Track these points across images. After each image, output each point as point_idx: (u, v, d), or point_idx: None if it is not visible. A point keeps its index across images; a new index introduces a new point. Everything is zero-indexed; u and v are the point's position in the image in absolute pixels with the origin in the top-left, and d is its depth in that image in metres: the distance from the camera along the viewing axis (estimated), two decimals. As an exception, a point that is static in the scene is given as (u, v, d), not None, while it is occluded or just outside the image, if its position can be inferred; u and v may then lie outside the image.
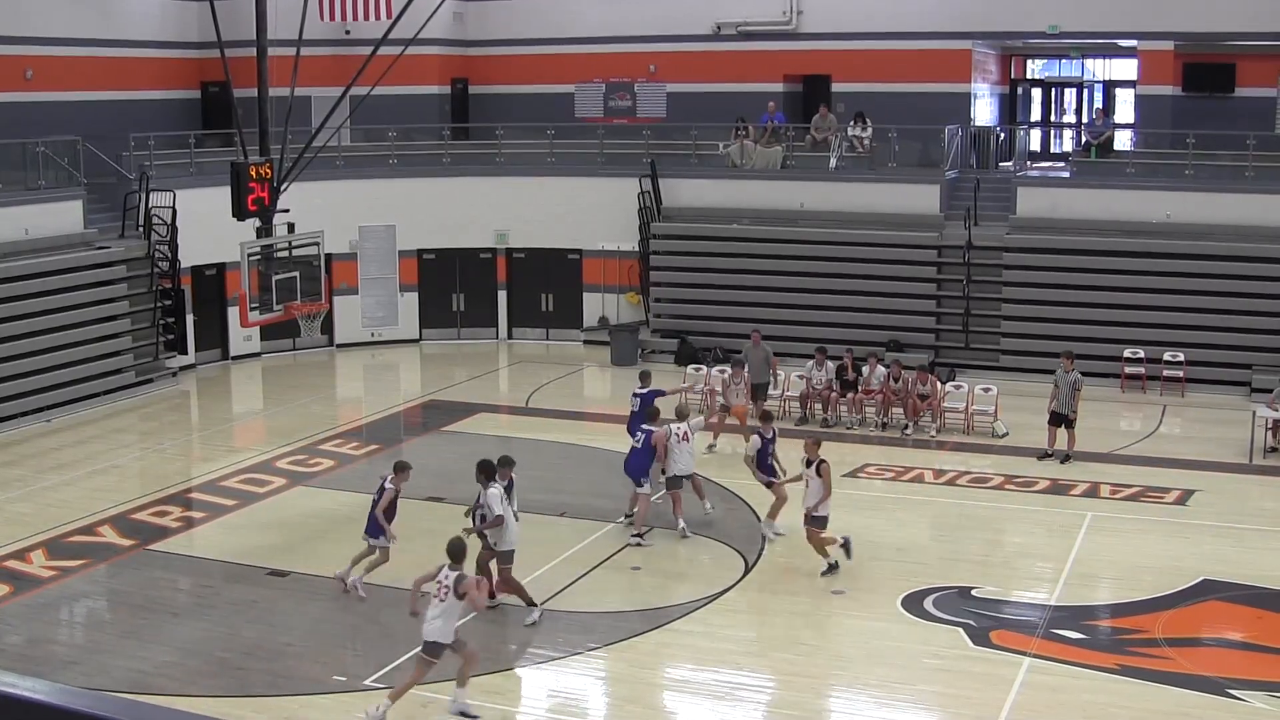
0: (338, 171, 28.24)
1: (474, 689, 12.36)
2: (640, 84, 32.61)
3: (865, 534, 16.99)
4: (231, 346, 27.70)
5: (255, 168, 18.67)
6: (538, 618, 13.96)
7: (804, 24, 30.86)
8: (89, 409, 23.36)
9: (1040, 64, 34.11)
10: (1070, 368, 20.15)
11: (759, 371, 21.91)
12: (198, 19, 30.68)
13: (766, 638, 13.62)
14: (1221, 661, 13.21)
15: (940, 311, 26.39)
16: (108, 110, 28.75)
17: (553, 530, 16.80)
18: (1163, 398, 23.82)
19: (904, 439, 21.51)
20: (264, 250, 19.27)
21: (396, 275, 29.56)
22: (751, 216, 27.95)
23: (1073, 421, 20.10)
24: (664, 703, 12.80)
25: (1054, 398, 20.19)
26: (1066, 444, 20.10)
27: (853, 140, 28.68)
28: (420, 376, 28.06)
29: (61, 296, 23.67)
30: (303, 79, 20.13)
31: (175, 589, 15.50)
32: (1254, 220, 24.73)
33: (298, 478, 19.54)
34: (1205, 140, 26.25)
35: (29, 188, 24.53)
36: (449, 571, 11.84)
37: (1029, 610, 14.43)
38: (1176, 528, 17.16)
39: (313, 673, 12.83)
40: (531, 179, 29.73)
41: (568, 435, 22.15)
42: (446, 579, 11.77)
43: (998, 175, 28.30)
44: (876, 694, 12.50)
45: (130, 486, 19.30)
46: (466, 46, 33.49)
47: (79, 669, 12.90)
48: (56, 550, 16.36)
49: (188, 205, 25.32)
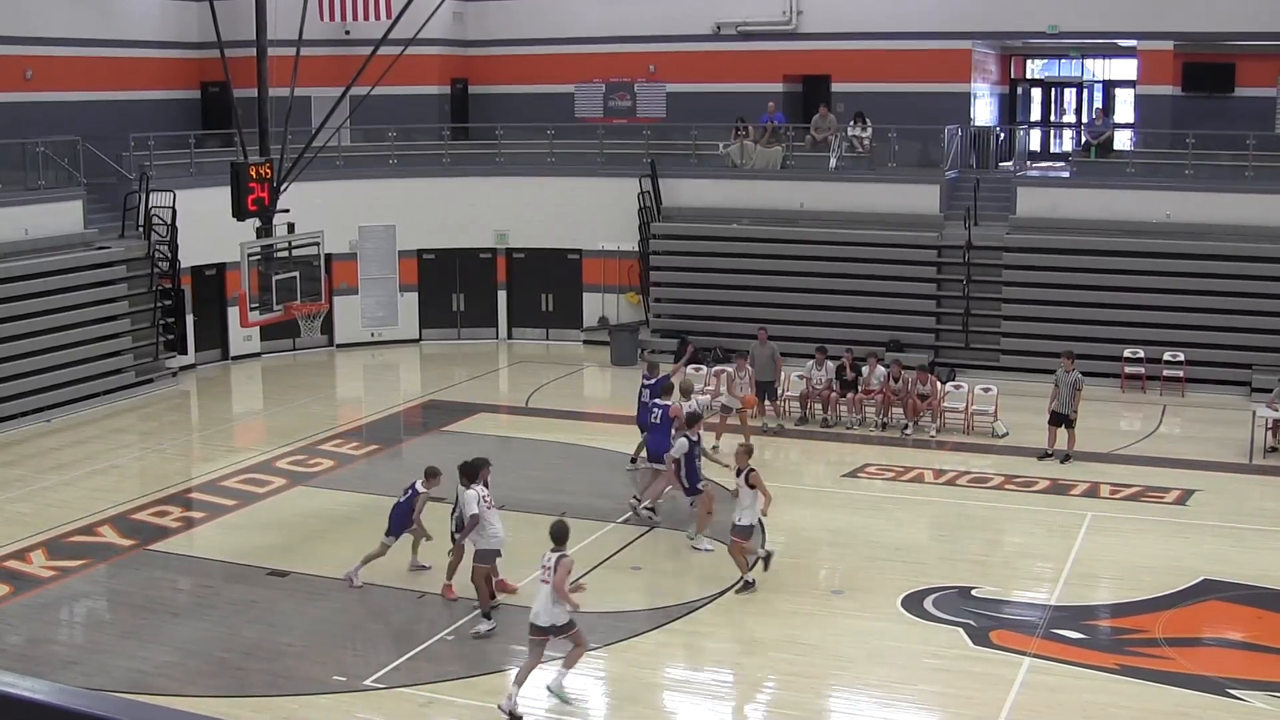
0: (337, 171, 28.23)
1: (474, 689, 12.39)
2: (640, 84, 32.62)
3: (865, 534, 17.03)
4: (231, 346, 27.71)
5: (255, 168, 18.66)
6: (485, 630, 13.68)
7: (804, 24, 30.87)
8: (89, 409, 23.36)
9: (1040, 64, 34.11)
10: (1071, 368, 20.15)
11: (765, 370, 21.92)
12: (198, 19, 30.69)
13: (766, 638, 13.62)
14: (1222, 661, 13.21)
15: (940, 311, 26.40)
16: (108, 110, 28.76)
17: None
18: (1163, 398, 23.83)
19: (904, 439, 21.51)
20: (264, 250, 19.26)
21: (396, 275, 29.57)
22: (751, 216, 27.96)
23: (1073, 421, 20.11)
24: (664, 703, 12.79)
25: (1054, 397, 20.20)
26: (1067, 444, 20.11)
27: (852, 140, 28.68)
28: (420, 376, 28.06)
29: (61, 296, 23.67)
30: (302, 79, 20.12)
31: (175, 589, 15.50)
32: (1254, 220, 24.73)
33: (298, 478, 19.54)
34: (1205, 140, 26.25)
35: (29, 188, 24.53)
36: (551, 554, 12.08)
37: (1029, 610, 14.43)
38: (1176, 527, 17.16)
39: (313, 673, 12.82)
40: (531, 179, 29.73)
41: (568, 435, 22.15)
42: (549, 561, 12.04)
43: (997, 175, 28.30)
44: (876, 694, 12.50)
45: (130, 486, 19.30)
46: (466, 46, 33.50)
47: (79, 669, 12.90)
48: (56, 550, 16.36)
49: (188, 205, 25.32)
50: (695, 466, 16.41)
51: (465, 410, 23.79)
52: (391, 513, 15.04)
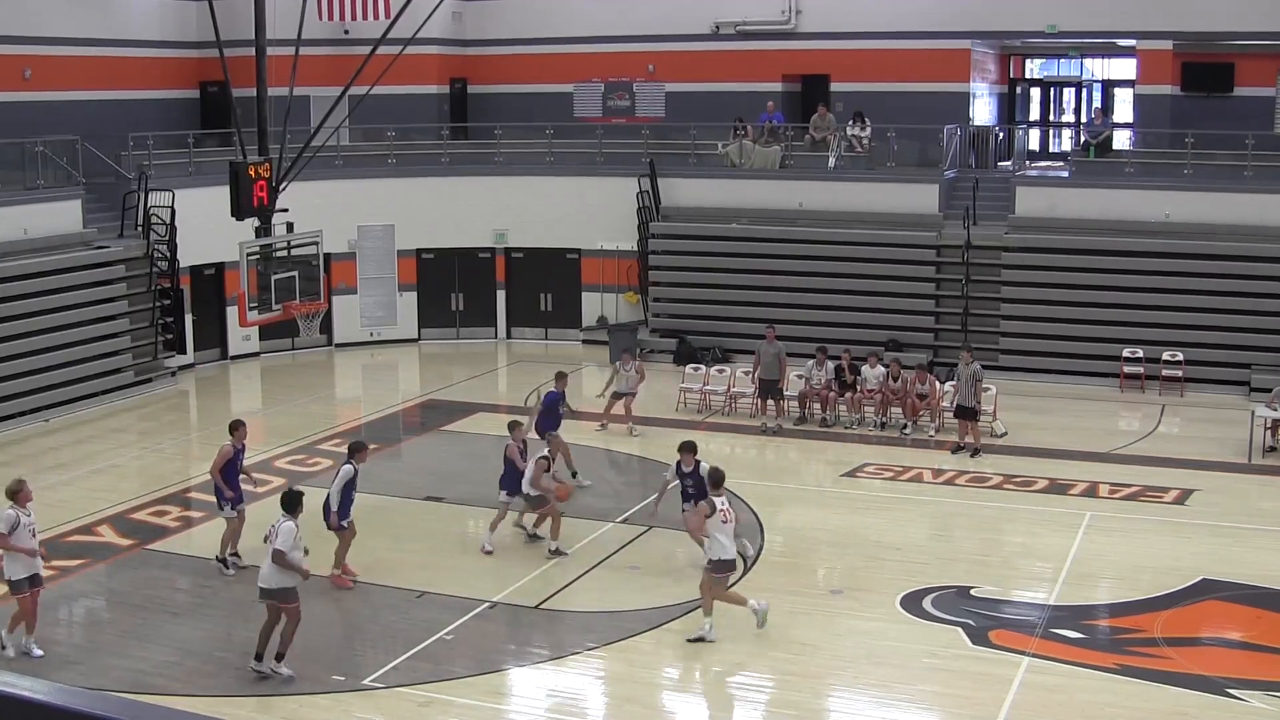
0: (336, 171, 28.22)
1: (474, 689, 12.40)
2: (639, 84, 32.62)
3: (864, 534, 17.03)
4: (230, 346, 27.70)
5: (254, 167, 18.64)
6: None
7: (803, 23, 30.87)
8: (88, 409, 23.35)
9: (1039, 63, 34.11)
10: (970, 360, 20.48)
11: (770, 369, 21.93)
12: (196, 19, 30.69)
13: (766, 638, 13.61)
14: (1221, 661, 13.20)
15: (939, 311, 26.40)
16: (107, 110, 28.74)
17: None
18: (1162, 397, 23.83)
19: (903, 439, 21.51)
20: (263, 250, 19.25)
21: (395, 275, 29.56)
22: (750, 216, 27.96)
23: (978, 414, 20.46)
24: (663, 703, 12.79)
25: (957, 391, 20.60)
26: (974, 437, 20.53)
27: (851, 140, 28.69)
28: (419, 376, 28.07)
29: (60, 296, 23.65)
30: (301, 79, 20.10)
31: (174, 589, 15.48)
32: (1253, 220, 24.74)
33: (297, 477, 19.50)
34: (1204, 140, 26.25)
35: (28, 187, 24.52)
36: (723, 501, 13.42)
37: (1028, 610, 14.43)
38: (1175, 527, 17.17)
39: (312, 673, 12.81)
40: (530, 179, 29.74)
41: (567, 435, 22.08)
42: (726, 505, 13.40)
43: (996, 175, 28.30)
44: (876, 694, 12.50)
45: (129, 486, 19.29)
46: (465, 46, 33.50)
47: (79, 669, 12.89)
48: (55, 550, 16.31)
49: (186, 205, 25.31)
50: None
51: (464, 410, 23.79)
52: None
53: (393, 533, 16.85)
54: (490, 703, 12.23)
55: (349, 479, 15.00)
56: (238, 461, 15.57)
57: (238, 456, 15.56)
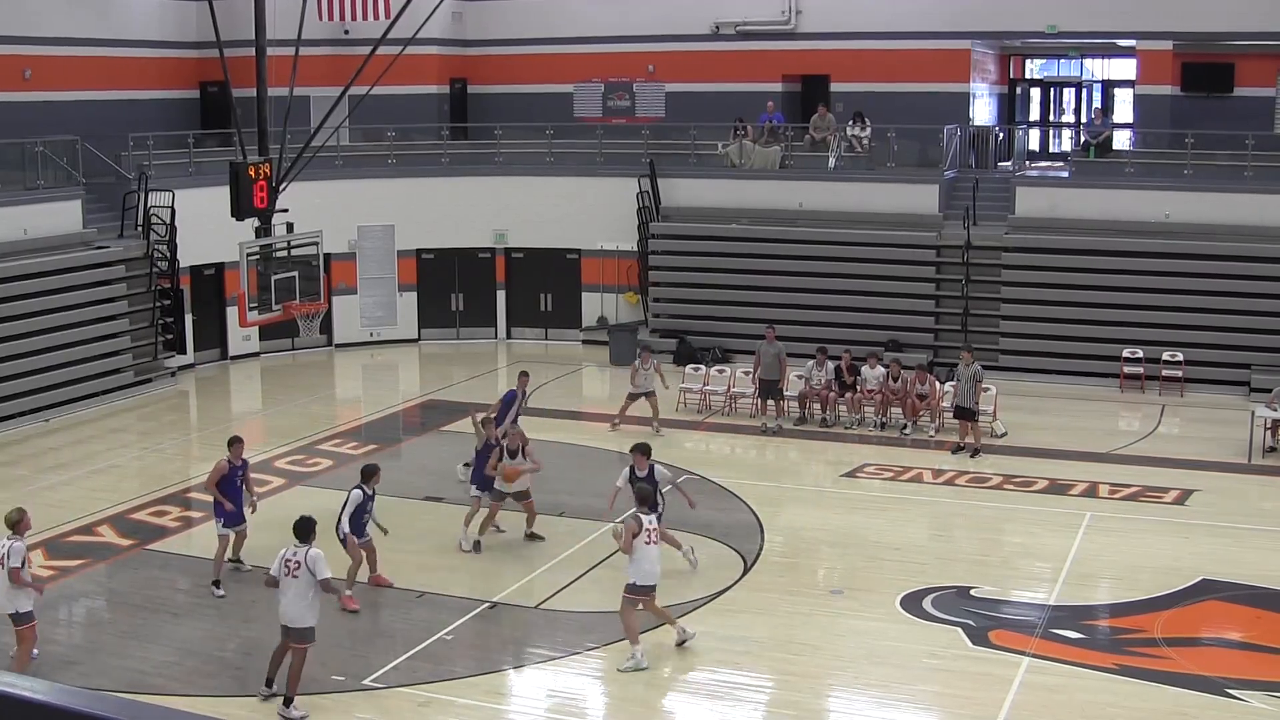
0: (336, 171, 28.23)
1: (474, 689, 12.41)
2: (639, 84, 32.62)
3: (864, 534, 17.03)
4: (230, 346, 27.70)
5: (254, 167, 18.64)
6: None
7: (803, 24, 30.87)
8: (87, 409, 23.35)
9: (1039, 64, 34.11)
10: (970, 360, 20.43)
11: (770, 369, 21.93)
12: (196, 19, 30.69)
13: (766, 638, 13.62)
14: (1220, 661, 13.21)
15: (939, 311, 26.40)
16: (107, 110, 28.75)
17: (551, 530, 16.79)
18: (1162, 397, 23.84)
19: (903, 439, 21.51)
20: (263, 250, 19.25)
21: (395, 275, 29.56)
22: (750, 216, 27.95)
23: (977, 415, 20.44)
24: (663, 703, 12.79)
25: (956, 392, 20.56)
26: (974, 437, 20.51)
27: (851, 140, 28.69)
28: (419, 376, 28.07)
29: (60, 296, 23.65)
30: (301, 79, 20.10)
31: (174, 589, 15.48)
32: (1253, 220, 24.74)
33: (296, 478, 19.54)
34: (1204, 140, 26.26)
35: (28, 187, 24.52)
36: (650, 519, 13.19)
37: (1028, 610, 14.43)
38: (1175, 527, 17.17)
39: (312, 672, 12.81)
40: (530, 179, 29.74)
41: (566, 435, 22.13)
42: (652, 524, 13.17)
43: (996, 175, 28.30)
44: (876, 694, 12.50)
45: (129, 486, 19.29)
46: (465, 46, 33.49)
47: (79, 669, 12.90)
48: (55, 550, 16.34)
49: (186, 205, 25.31)
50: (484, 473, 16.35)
51: (464, 410, 23.72)
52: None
53: (393, 533, 16.82)
54: (490, 703, 12.24)
55: (359, 504, 14.65)
56: (235, 477, 15.41)
57: (234, 472, 15.38)
